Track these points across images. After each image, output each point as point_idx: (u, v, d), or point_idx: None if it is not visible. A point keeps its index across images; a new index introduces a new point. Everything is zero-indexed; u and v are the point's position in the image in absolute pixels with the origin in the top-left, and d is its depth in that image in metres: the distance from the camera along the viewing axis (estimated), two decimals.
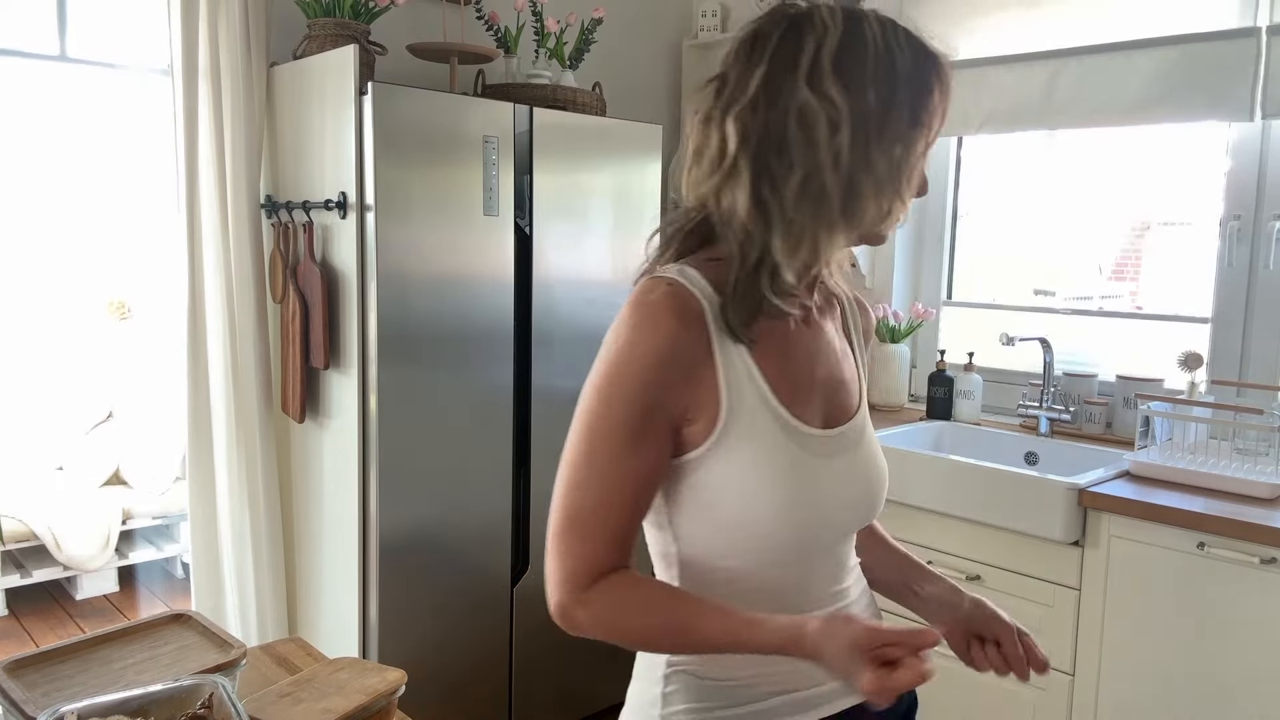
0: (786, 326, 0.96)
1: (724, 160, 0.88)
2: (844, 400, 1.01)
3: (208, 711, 0.96)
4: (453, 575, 2.34)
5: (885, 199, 0.89)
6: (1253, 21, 2.24)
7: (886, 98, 0.87)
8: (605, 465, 0.90)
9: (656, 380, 0.89)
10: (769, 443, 0.92)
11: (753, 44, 0.90)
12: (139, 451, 4.22)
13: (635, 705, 1.01)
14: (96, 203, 4.56)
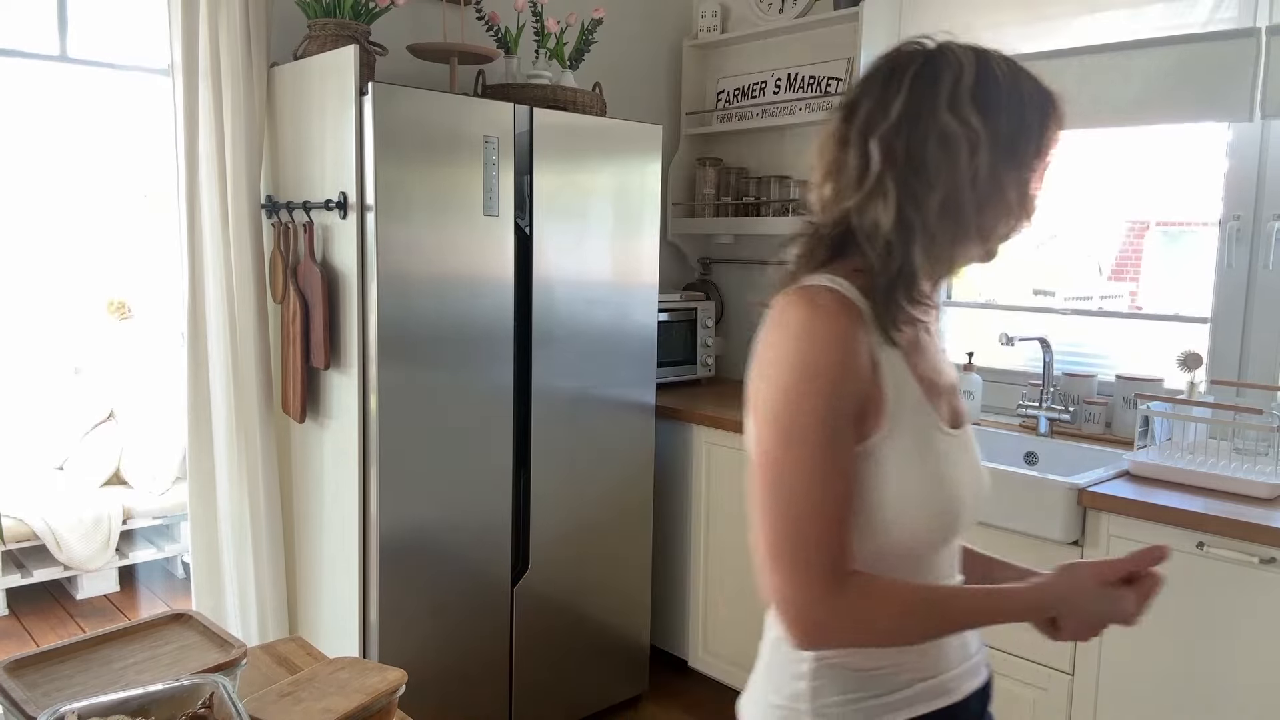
0: (916, 333, 1.02)
1: (867, 179, 0.95)
2: (959, 402, 1.09)
3: (208, 711, 0.96)
4: (453, 575, 2.35)
5: (1014, 217, 0.99)
6: (1252, 21, 2.24)
7: (1016, 124, 0.98)
8: (817, 469, 0.91)
9: (844, 378, 0.93)
10: (923, 440, 0.99)
11: (889, 74, 0.99)
12: (139, 451, 4.22)
13: (771, 704, 1.05)
14: (97, 203, 4.56)
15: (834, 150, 1.00)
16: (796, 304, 0.95)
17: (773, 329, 0.96)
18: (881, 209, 0.94)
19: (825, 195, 1.00)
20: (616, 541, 2.72)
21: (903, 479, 0.96)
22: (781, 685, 1.04)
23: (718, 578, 2.83)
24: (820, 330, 0.93)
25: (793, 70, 3.11)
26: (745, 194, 3.27)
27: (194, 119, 2.27)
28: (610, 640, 2.74)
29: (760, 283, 3.37)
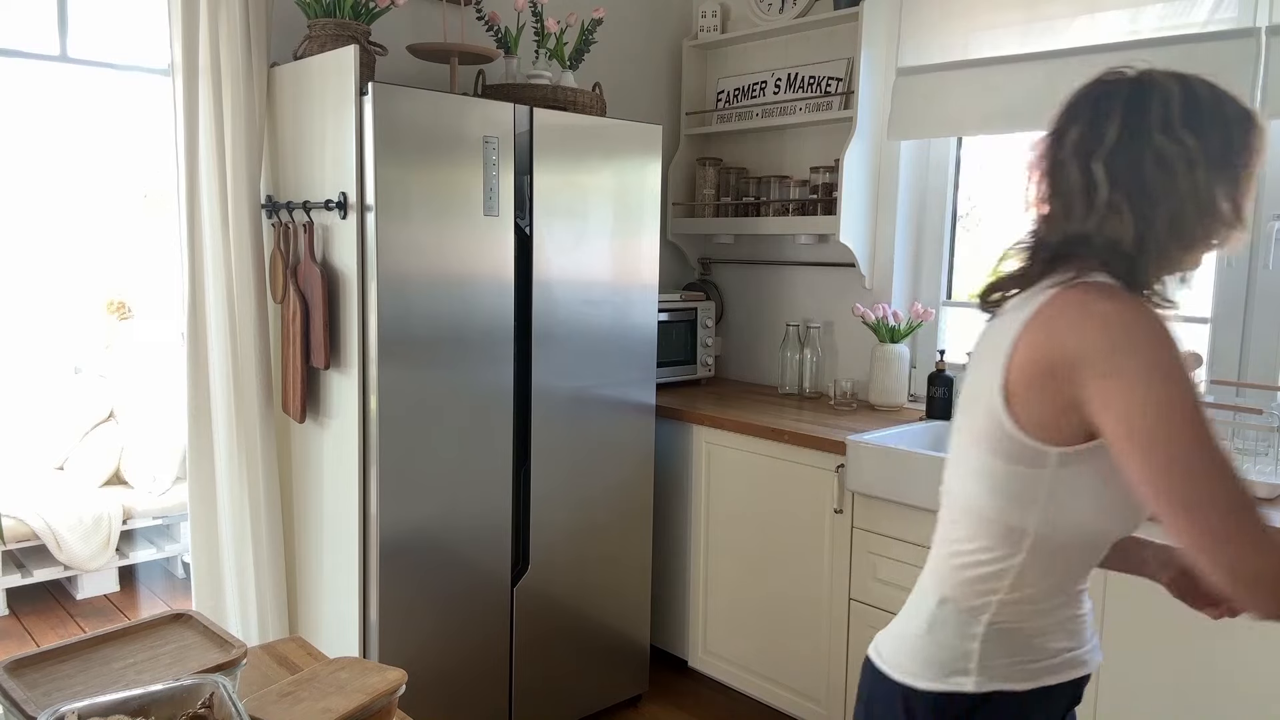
0: None
1: (1097, 200, 1.04)
2: None
3: (208, 711, 0.96)
4: (453, 575, 2.35)
5: (1229, 227, 1.06)
6: (1252, 21, 2.24)
7: (1223, 140, 1.04)
8: (1217, 452, 0.95)
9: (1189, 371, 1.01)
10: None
11: (1097, 101, 1.08)
12: (139, 451, 4.22)
13: (933, 660, 1.13)
14: (97, 203, 4.56)
15: (1050, 172, 1.10)
16: (1104, 298, 1.00)
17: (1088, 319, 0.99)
18: (1120, 227, 1.03)
19: (1049, 213, 1.10)
20: (616, 541, 2.72)
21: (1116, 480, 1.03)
22: (951, 645, 1.12)
23: (718, 578, 2.83)
24: (1155, 322, 0.99)
25: (793, 70, 3.11)
26: (745, 194, 3.27)
27: (194, 119, 2.27)
28: (610, 640, 2.74)
29: (760, 282, 3.38)
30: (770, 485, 2.65)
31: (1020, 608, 1.10)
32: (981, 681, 1.10)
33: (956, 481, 1.16)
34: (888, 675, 1.16)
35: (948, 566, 1.14)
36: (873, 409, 2.90)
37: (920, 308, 2.87)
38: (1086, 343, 0.99)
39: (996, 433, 1.06)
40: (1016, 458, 1.05)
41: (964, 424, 1.14)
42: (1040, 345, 1.02)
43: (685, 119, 3.39)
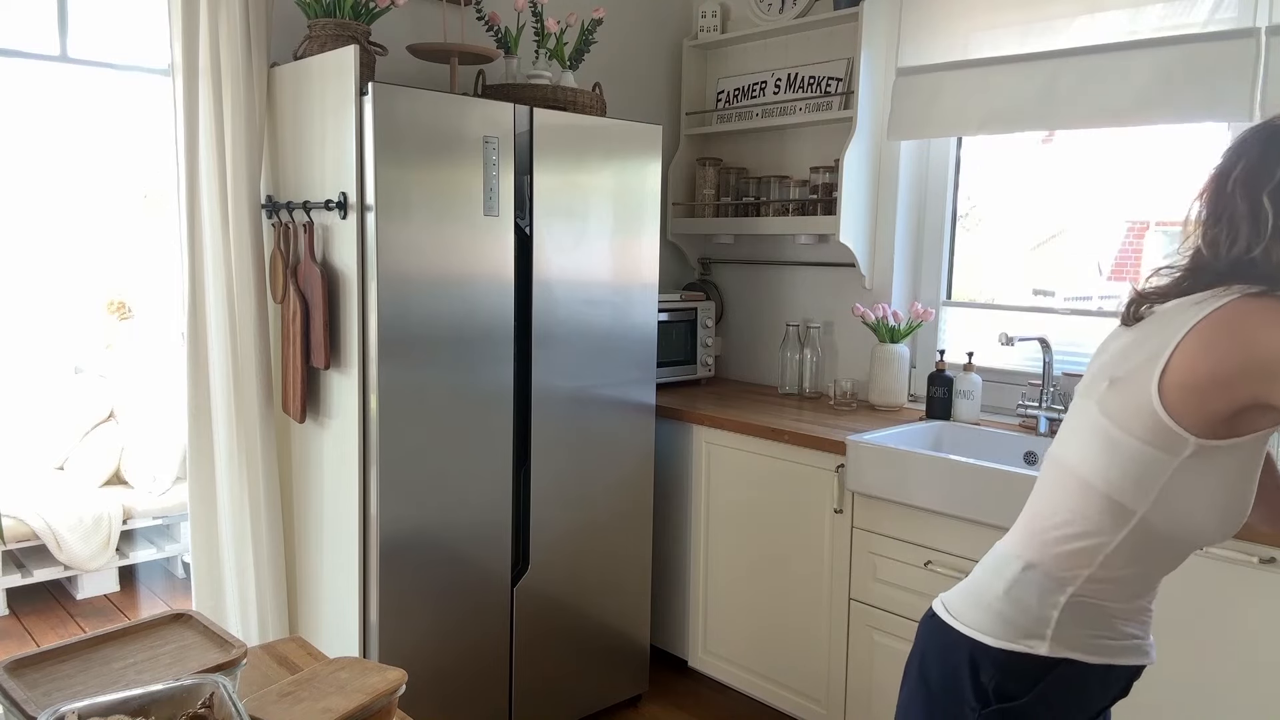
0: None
1: (1264, 228, 1.11)
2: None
3: (208, 711, 0.96)
4: (453, 575, 2.35)
5: None
6: (1252, 22, 2.24)
7: None
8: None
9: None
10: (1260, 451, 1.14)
11: (1268, 139, 1.14)
12: (139, 451, 4.22)
13: (1014, 624, 1.19)
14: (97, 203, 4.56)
15: (1215, 202, 1.17)
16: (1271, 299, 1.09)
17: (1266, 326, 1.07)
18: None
19: (1214, 235, 1.16)
20: (617, 541, 2.72)
21: (1246, 474, 1.13)
22: (1031, 609, 1.18)
23: (718, 578, 2.83)
24: None
25: (793, 70, 3.11)
26: (745, 194, 3.27)
27: (194, 119, 2.27)
28: (610, 640, 2.74)
29: (760, 282, 3.38)
30: (770, 485, 2.65)
31: (1104, 586, 1.17)
32: (1054, 648, 1.17)
33: (1074, 452, 1.20)
34: (955, 628, 1.22)
35: (1041, 535, 1.20)
36: (873, 409, 2.90)
37: (920, 308, 2.87)
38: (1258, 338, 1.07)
39: (1142, 412, 1.12)
40: (1153, 439, 1.11)
41: (1096, 399, 1.18)
42: (1223, 345, 1.08)
43: (685, 119, 3.39)
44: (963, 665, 1.21)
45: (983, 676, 1.19)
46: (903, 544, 2.34)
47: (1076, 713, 1.20)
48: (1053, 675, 1.17)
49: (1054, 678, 1.17)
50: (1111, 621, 1.18)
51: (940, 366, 2.74)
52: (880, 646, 2.43)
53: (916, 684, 1.28)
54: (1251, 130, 1.17)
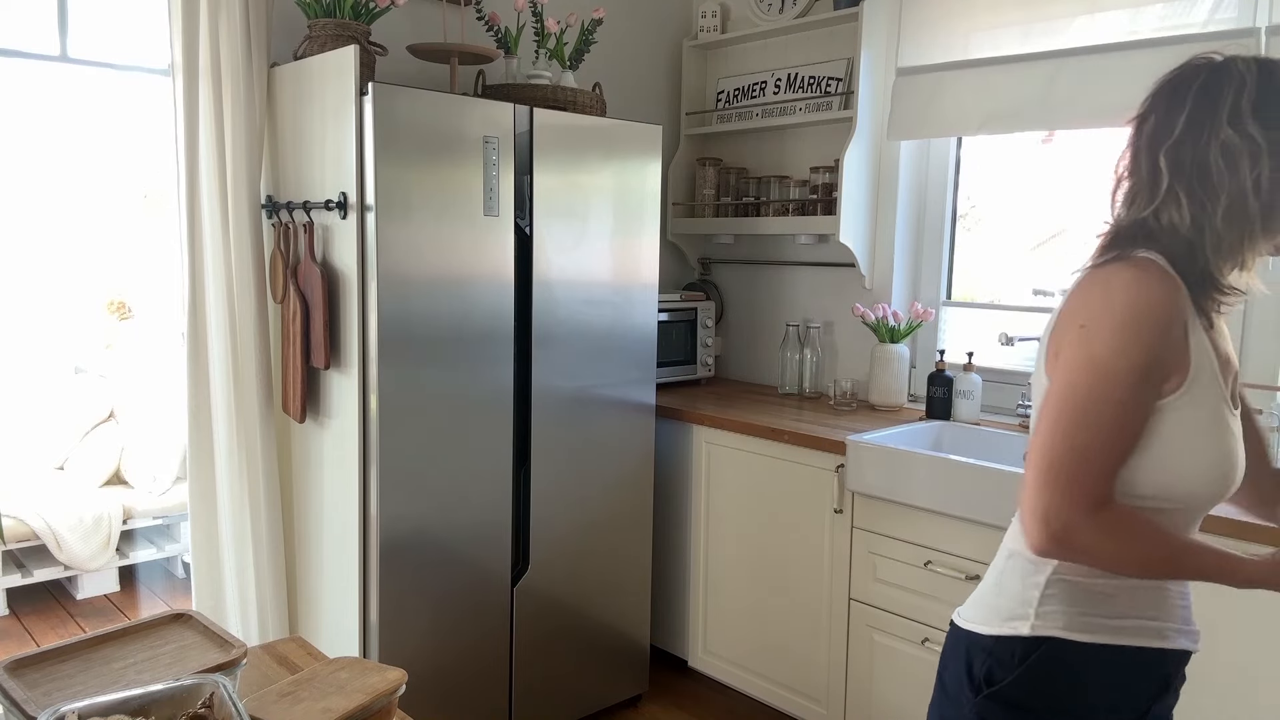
0: (1213, 318, 1.13)
1: (1159, 189, 1.09)
2: (1238, 386, 1.18)
3: (208, 711, 0.96)
4: (453, 575, 2.35)
5: None
6: (1252, 22, 2.24)
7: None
8: (1116, 404, 1.05)
9: (1163, 336, 1.06)
10: (1213, 410, 1.10)
11: (1173, 90, 1.10)
12: (139, 451, 4.22)
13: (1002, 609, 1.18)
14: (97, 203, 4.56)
15: (1128, 159, 1.14)
16: (1127, 268, 1.08)
17: (1097, 285, 1.08)
18: (1176, 214, 1.08)
19: (1121, 199, 1.15)
20: (617, 541, 2.72)
21: (1190, 442, 1.08)
22: (1014, 592, 1.17)
23: (718, 578, 2.83)
24: (1148, 289, 1.05)
25: (793, 70, 3.11)
26: (745, 194, 3.27)
27: (194, 119, 2.27)
28: (610, 640, 2.74)
29: (760, 282, 3.38)
30: (770, 485, 2.65)
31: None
32: (1037, 626, 1.14)
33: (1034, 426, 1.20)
34: (957, 626, 1.23)
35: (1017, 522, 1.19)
36: (873, 409, 2.90)
37: (920, 308, 2.87)
38: (1090, 299, 1.08)
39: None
40: None
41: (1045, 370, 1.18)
42: (1067, 310, 1.11)
43: (685, 119, 3.39)
44: (962, 660, 1.21)
45: (975, 666, 1.18)
46: (903, 544, 2.34)
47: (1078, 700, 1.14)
48: (1036, 655, 1.14)
49: (1038, 658, 1.14)
50: (1105, 600, 1.14)
51: (940, 366, 2.74)
52: (880, 646, 2.43)
53: (936, 688, 1.27)
54: (1164, 78, 1.13)
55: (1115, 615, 1.14)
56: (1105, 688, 1.14)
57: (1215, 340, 1.13)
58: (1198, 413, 1.08)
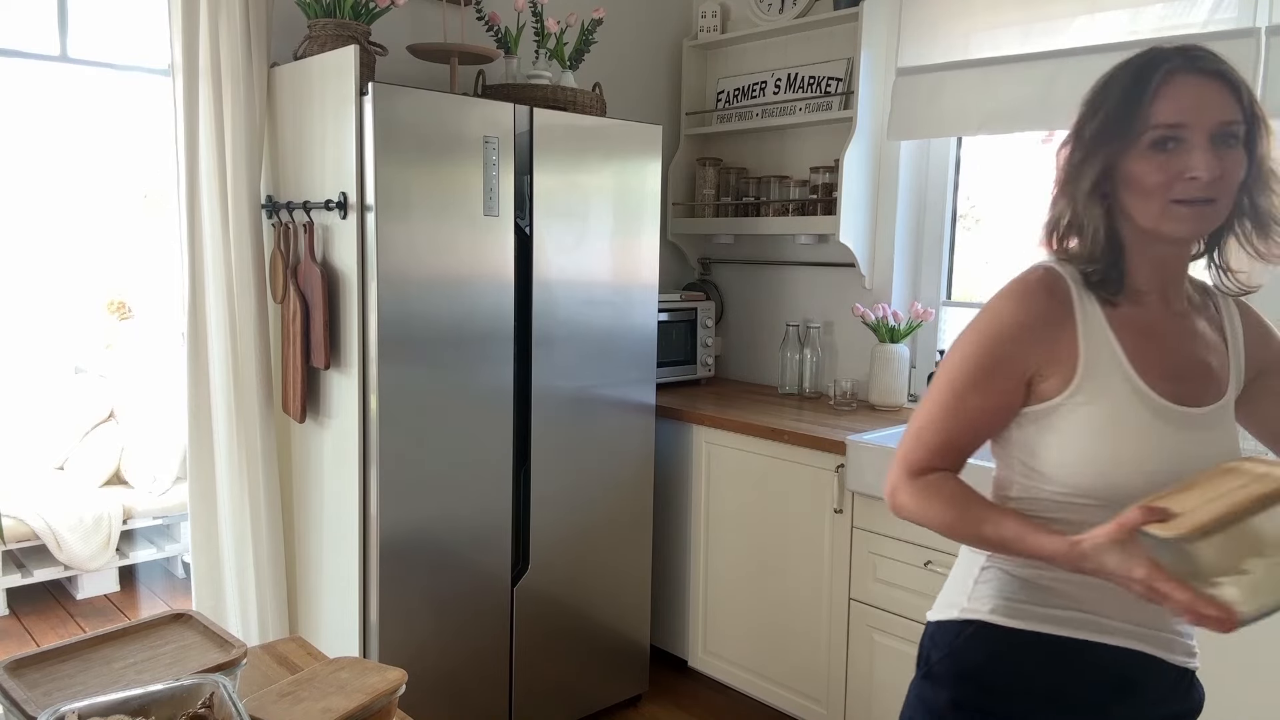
0: (1150, 311, 1.15)
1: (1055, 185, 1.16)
2: (1200, 384, 1.15)
3: (208, 711, 0.96)
4: (453, 575, 2.35)
5: (1152, 199, 1.07)
6: (1252, 22, 2.24)
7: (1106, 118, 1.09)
8: (946, 398, 1.15)
9: (1011, 338, 1.12)
10: (1119, 403, 1.10)
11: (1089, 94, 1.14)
12: (139, 451, 4.22)
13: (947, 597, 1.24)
14: (97, 203, 4.56)
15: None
16: (1016, 278, 1.16)
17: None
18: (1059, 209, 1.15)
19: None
20: (617, 541, 2.72)
21: (1087, 440, 1.09)
22: (957, 580, 1.23)
23: (718, 578, 2.83)
24: (1012, 301, 1.13)
25: (793, 70, 3.11)
26: (745, 194, 3.27)
27: (194, 119, 2.27)
28: (610, 640, 2.74)
29: (760, 282, 3.38)
30: (770, 485, 2.65)
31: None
32: (966, 610, 1.19)
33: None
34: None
35: None
36: (873, 409, 2.90)
37: (920, 308, 2.87)
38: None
39: None
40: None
41: None
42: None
43: (685, 119, 3.39)
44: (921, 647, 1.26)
45: (921, 650, 1.24)
46: (902, 544, 2.34)
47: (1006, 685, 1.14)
48: (967, 636, 1.17)
49: (964, 640, 1.17)
50: (1042, 590, 1.14)
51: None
52: (880, 646, 2.43)
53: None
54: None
55: (1050, 605, 1.14)
56: (1036, 676, 1.14)
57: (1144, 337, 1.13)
58: (1094, 410, 1.10)
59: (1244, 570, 0.93)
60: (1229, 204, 1.09)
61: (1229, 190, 1.07)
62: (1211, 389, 1.16)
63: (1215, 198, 1.06)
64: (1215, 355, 1.18)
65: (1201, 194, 1.05)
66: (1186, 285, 1.20)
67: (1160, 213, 1.08)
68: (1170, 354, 1.14)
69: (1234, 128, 1.06)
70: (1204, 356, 1.17)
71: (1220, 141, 1.06)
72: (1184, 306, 1.18)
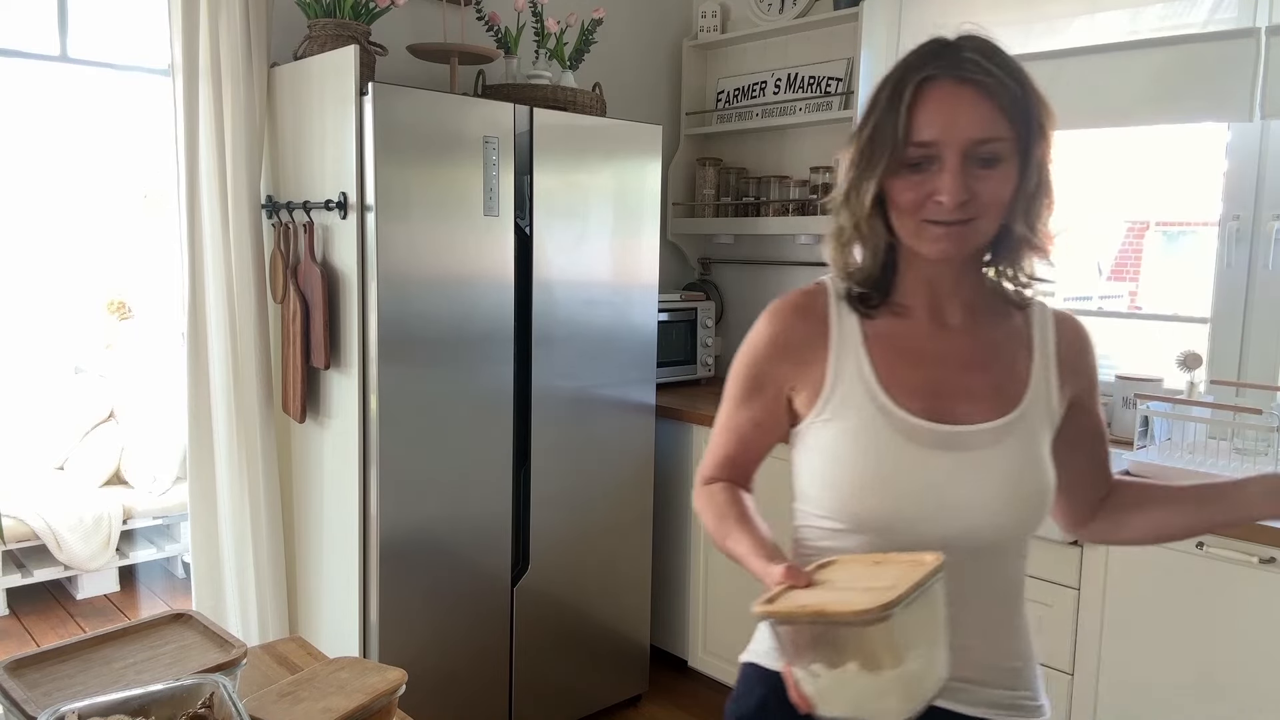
0: (914, 326, 1.10)
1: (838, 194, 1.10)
2: (969, 401, 1.06)
3: (208, 711, 0.96)
4: (453, 575, 2.35)
5: (908, 216, 1.02)
6: (1252, 21, 2.24)
7: (867, 129, 1.02)
8: (724, 413, 1.17)
9: (765, 357, 1.12)
10: (864, 420, 1.05)
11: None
12: (139, 451, 4.22)
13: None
14: (97, 203, 4.56)
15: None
16: (787, 294, 1.17)
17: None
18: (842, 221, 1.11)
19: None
20: (617, 541, 2.72)
21: (835, 446, 1.06)
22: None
23: (718, 578, 2.83)
24: (769, 316, 1.14)
25: (793, 70, 3.11)
26: (745, 194, 3.26)
27: (194, 119, 2.27)
28: (610, 640, 2.74)
29: (760, 282, 3.37)
30: (769, 485, 2.65)
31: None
32: (749, 651, 1.20)
33: None
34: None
35: None
36: None
37: None
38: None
39: None
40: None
41: None
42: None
43: (685, 119, 3.39)
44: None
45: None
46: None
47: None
48: (744, 674, 1.18)
49: (744, 677, 1.18)
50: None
51: None
52: None
53: None
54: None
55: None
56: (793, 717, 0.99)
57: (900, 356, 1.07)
58: (838, 428, 1.06)
59: (815, 672, 0.87)
60: (993, 222, 1.02)
61: (990, 209, 0.99)
62: (986, 407, 1.06)
63: (971, 218, 0.99)
64: (1003, 372, 1.08)
65: (950, 216, 0.98)
66: (979, 298, 1.11)
67: (914, 232, 1.02)
68: (931, 370, 1.07)
69: (992, 146, 0.98)
70: (982, 373, 1.07)
71: (976, 161, 0.98)
72: (963, 322, 1.10)
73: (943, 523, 1.03)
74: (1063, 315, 1.15)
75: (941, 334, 1.09)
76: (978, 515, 1.03)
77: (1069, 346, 1.12)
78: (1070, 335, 1.13)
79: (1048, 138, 1.04)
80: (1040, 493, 1.06)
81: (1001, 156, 0.99)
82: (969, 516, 1.03)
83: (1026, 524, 1.06)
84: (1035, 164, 1.03)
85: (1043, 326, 1.13)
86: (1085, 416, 1.14)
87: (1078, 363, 1.13)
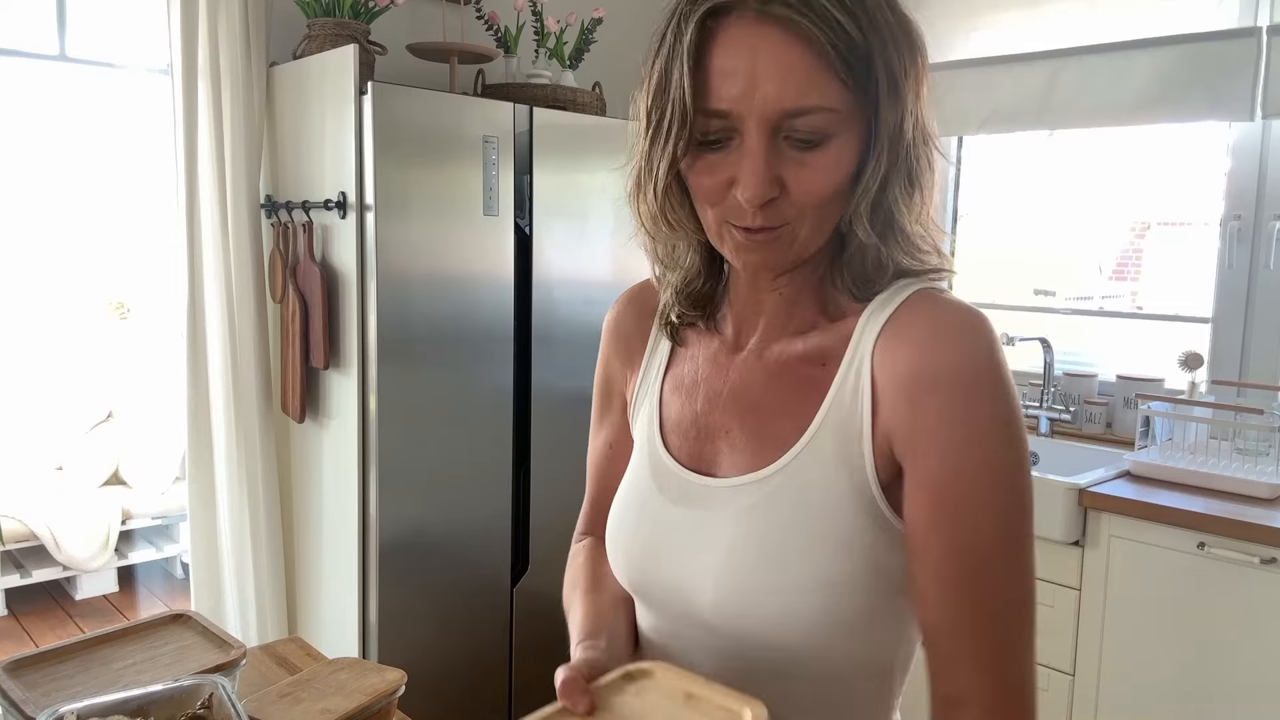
0: (709, 348, 0.86)
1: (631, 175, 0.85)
2: (727, 448, 0.80)
3: (207, 711, 0.96)
4: (453, 575, 2.34)
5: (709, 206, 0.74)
6: (1253, 21, 2.24)
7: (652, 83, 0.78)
8: (589, 446, 1.00)
9: (605, 348, 0.95)
10: (639, 457, 0.87)
11: None
12: (139, 451, 4.22)
13: None
14: (96, 203, 4.56)
15: None
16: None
17: None
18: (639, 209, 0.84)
19: None
20: None
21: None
22: None
23: None
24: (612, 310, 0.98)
25: None
26: None
27: (193, 119, 2.26)
28: None
29: None
30: None
31: None
32: None
33: None
34: None
35: None
36: None
37: None
38: None
39: None
40: None
41: None
42: None
43: None
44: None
45: None
46: None
47: None
48: None
49: None
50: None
51: None
52: None
53: None
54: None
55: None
56: None
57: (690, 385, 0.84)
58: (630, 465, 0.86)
59: None
60: (820, 225, 0.72)
61: (810, 209, 0.70)
62: (743, 456, 0.77)
63: (782, 224, 0.70)
64: (778, 408, 0.77)
65: (757, 222, 0.69)
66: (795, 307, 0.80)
67: (717, 234, 0.74)
68: (704, 403, 0.82)
69: (811, 119, 0.66)
70: (753, 411, 0.79)
71: (793, 140, 0.67)
72: (758, 340, 0.82)
73: (695, 603, 0.76)
74: (913, 305, 0.73)
75: (738, 361, 0.82)
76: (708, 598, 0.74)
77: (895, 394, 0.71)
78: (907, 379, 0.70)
79: (911, 89, 0.71)
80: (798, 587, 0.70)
81: (829, 132, 0.67)
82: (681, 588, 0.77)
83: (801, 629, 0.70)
84: (888, 136, 0.71)
85: (859, 364, 0.73)
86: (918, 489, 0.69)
87: (912, 385, 0.69)
